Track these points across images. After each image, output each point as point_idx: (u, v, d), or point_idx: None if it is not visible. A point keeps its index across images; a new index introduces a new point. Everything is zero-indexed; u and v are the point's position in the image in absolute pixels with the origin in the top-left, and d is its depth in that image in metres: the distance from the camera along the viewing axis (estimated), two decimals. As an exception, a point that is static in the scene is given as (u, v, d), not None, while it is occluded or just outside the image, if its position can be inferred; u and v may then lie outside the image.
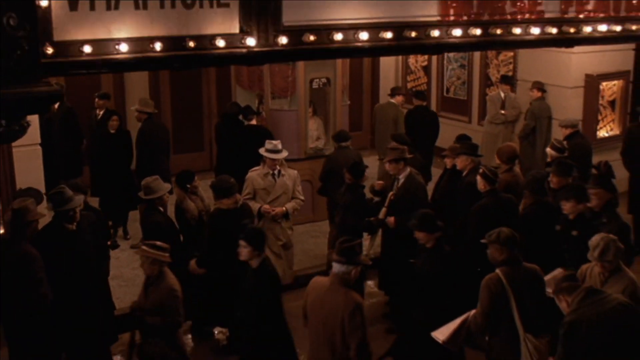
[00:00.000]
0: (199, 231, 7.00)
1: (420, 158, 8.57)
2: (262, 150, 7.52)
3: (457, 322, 5.29)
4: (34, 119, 6.91)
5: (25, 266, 5.48)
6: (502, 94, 11.65)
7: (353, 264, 4.93)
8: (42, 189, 6.95)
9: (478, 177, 6.93)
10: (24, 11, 3.74)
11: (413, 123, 10.76)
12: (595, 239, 5.12)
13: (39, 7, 3.83)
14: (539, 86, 11.00)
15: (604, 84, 11.29)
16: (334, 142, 9.27)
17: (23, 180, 6.90)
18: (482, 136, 11.65)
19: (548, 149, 8.31)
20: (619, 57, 10.97)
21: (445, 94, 13.65)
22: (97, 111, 9.66)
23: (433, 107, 13.46)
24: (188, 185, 6.99)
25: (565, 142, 8.60)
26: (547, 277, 5.55)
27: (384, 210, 7.28)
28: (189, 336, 7.24)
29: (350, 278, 4.96)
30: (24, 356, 5.75)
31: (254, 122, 9.58)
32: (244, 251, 5.44)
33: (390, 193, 7.26)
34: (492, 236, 5.25)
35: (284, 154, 7.61)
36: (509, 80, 11.88)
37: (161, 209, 6.66)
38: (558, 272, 5.72)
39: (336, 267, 4.97)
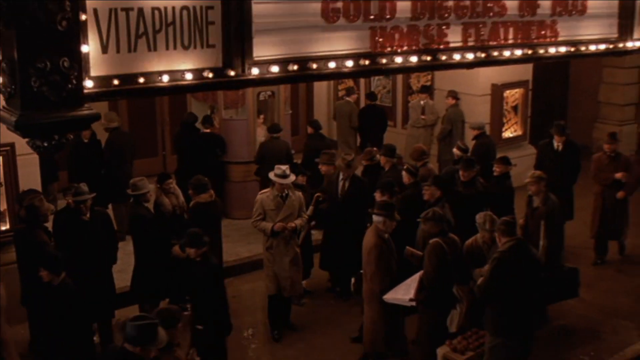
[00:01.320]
0: (173, 222, 8.40)
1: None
2: (271, 175, 7.96)
3: (415, 282, 6.85)
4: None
5: (39, 250, 6.81)
6: (422, 102, 13.32)
7: (388, 217, 6.83)
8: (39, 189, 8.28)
9: (403, 172, 8.60)
10: (73, 56, 5.12)
11: (365, 118, 12.80)
12: (479, 216, 6.87)
13: (82, 52, 5.23)
14: (454, 94, 12.71)
15: (507, 92, 13.03)
16: (267, 133, 10.98)
17: (24, 183, 8.16)
18: (405, 138, 13.39)
19: (455, 150, 10.08)
20: (519, 69, 12.46)
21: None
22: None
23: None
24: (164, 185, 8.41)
25: (472, 143, 10.48)
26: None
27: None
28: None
29: (382, 228, 6.85)
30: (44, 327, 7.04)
31: (208, 130, 11.05)
32: (190, 251, 6.59)
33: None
34: (427, 215, 6.90)
35: (292, 178, 8.00)
36: (427, 90, 13.60)
37: (145, 204, 8.06)
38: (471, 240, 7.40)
39: (375, 218, 6.93)
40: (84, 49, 5.20)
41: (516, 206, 9.00)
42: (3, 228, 8.20)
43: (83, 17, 5.15)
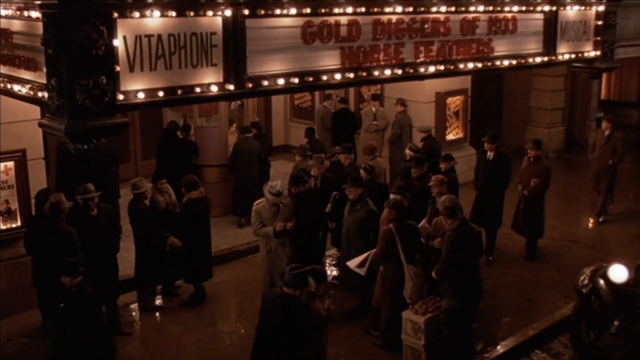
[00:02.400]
0: (166, 217, 9.53)
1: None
2: (266, 192, 8.72)
3: (363, 256, 8.25)
4: (38, 142, 9.34)
5: (67, 239, 7.91)
6: (374, 109, 14.63)
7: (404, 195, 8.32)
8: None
9: (361, 171, 9.95)
10: (109, 74, 6.27)
11: (338, 121, 14.35)
12: (442, 198, 8.24)
13: (115, 71, 6.37)
14: (402, 102, 14.06)
15: (450, 99, 14.39)
16: (239, 133, 12.18)
17: (33, 185, 9.22)
18: (360, 142, 14.79)
19: (407, 150, 11.46)
20: (459, 78, 13.65)
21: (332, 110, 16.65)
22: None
23: (319, 121, 16.50)
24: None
25: (421, 144, 11.92)
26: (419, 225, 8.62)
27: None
28: (160, 297, 9.81)
29: (399, 202, 8.14)
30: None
31: (183, 137, 12.21)
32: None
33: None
34: (388, 203, 8.26)
35: (285, 194, 8.83)
36: (378, 98, 14.92)
37: (144, 200, 9.19)
38: (422, 223, 8.77)
39: (392, 195, 8.37)
40: (117, 68, 6.37)
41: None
42: (14, 225, 9.23)
43: (115, 43, 6.31)
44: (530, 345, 8.62)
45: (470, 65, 9.80)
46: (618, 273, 8.10)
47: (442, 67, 9.35)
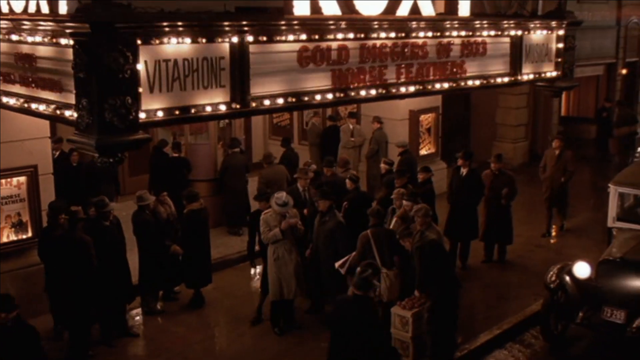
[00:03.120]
0: (167, 226, 10.24)
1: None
2: (272, 203, 9.24)
3: (346, 257, 9.09)
4: (48, 158, 10.02)
5: (84, 247, 8.60)
6: (351, 126, 15.50)
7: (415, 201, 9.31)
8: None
9: (347, 180, 10.83)
10: (133, 94, 7.02)
11: (327, 136, 15.25)
12: (416, 207, 9.12)
13: (138, 92, 7.11)
14: (378, 119, 14.99)
15: (422, 116, 15.35)
16: (227, 149, 12.95)
17: (43, 198, 9.87)
18: (338, 157, 15.62)
19: (382, 165, 12.39)
20: (431, 97, 14.41)
21: (304, 127, 17.56)
22: (54, 151, 12.49)
23: (295, 138, 17.33)
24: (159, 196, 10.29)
25: (398, 158, 12.84)
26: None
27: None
28: (161, 302, 10.48)
29: (377, 211, 9.07)
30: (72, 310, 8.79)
31: (176, 154, 12.95)
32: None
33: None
34: (370, 211, 9.11)
35: (290, 204, 9.31)
36: (355, 115, 15.85)
37: (147, 211, 9.90)
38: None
39: (405, 202, 9.45)
40: (139, 89, 7.12)
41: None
42: (24, 236, 9.87)
43: (139, 67, 7.06)
44: (505, 337, 9.54)
45: (445, 85, 10.70)
46: (582, 270, 9.06)
47: (420, 87, 10.22)
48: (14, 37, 8.11)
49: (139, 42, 7.01)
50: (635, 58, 23.06)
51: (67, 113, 7.45)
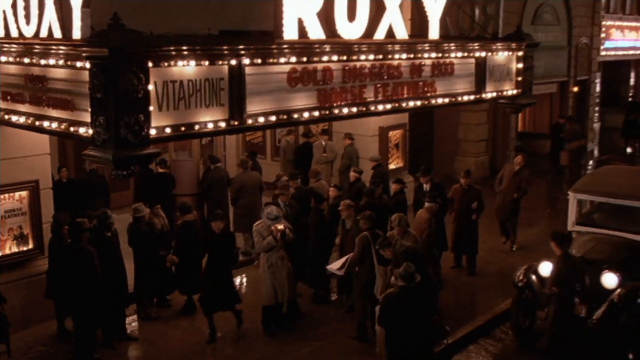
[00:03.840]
0: (160, 236, 10.86)
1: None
2: (264, 217, 10.08)
3: (342, 260, 9.86)
4: (47, 174, 10.58)
5: (88, 256, 9.18)
6: (323, 142, 16.29)
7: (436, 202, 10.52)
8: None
9: (331, 188, 11.70)
10: (145, 112, 7.69)
11: (300, 152, 15.93)
12: (393, 217, 9.95)
13: (149, 110, 7.79)
14: (349, 136, 15.75)
15: (391, 132, 16.19)
16: (209, 164, 13.66)
17: (43, 211, 10.43)
18: (310, 171, 16.40)
19: (351, 173, 13.24)
20: (399, 114, 15.23)
21: (277, 144, 18.29)
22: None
23: (267, 155, 18.10)
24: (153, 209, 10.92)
25: (372, 172, 13.71)
26: None
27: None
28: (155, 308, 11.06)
29: (370, 215, 9.83)
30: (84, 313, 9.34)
31: (162, 170, 13.57)
32: None
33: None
34: (362, 215, 9.90)
35: (280, 218, 10.10)
36: (327, 132, 16.69)
37: (143, 223, 10.51)
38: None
39: (427, 204, 10.59)
40: (150, 108, 7.81)
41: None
42: (25, 248, 10.40)
43: (149, 87, 7.75)
44: (478, 333, 10.41)
45: (418, 103, 11.57)
46: (546, 269, 9.97)
47: (395, 105, 11.07)
48: (26, 60, 8.72)
49: (150, 65, 7.69)
50: (585, 76, 24.46)
51: (81, 130, 8.07)
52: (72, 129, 8.26)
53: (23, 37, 9.03)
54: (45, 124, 8.65)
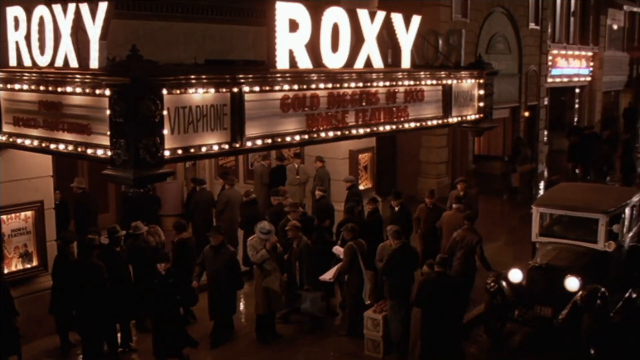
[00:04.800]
0: (156, 252, 11.52)
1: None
2: (257, 231, 10.90)
3: (335, 268, 10.76)
4: (50, 194, 11.19)
5: (97, 271, 9.83)
6: (296, 165, 17.12)
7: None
8: (54, 234, 11.17)
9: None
10: (161, 135, 8.48)
11: (275, 175, 16.57)
12: (388, 227, 10.89)
13: (164, 133, 8.57)
14: (320, 159, 16.58)
15: (360, 155, 17.01)
16: (194, 185, 14.44)
17: (47, 230, 11.04)
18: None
19: (317, 192, 14.18)
20: (367, 138, 16.67)
21: (250, 167, 19.04)
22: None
23: (240, 178, 18.84)
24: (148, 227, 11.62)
25: (347, 192, 14.65)
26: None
27: None
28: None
29: (352, 227, 10.88)
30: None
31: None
32: None
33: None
34: (345, 227, 10.82)
35: (272, 232, 10.97)
36: (299, 156, 17.57)
37: (142, 239, 11.21)
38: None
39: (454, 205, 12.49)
40: (165, 131, 8.59)
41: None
42: (28, 265, 10.96)
43: (164, 112, 8.55)
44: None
45: (392, 127, 12.59)
46: (515, 275, 11.02)
47: (374, 129, 12.05)
48: (42, 87, 9.40)
49: (165, 92, 8.50)
50: (535, 102, 25.99)
51: (99, 152, 8.79)
52: (89, 151, 8.96)
53: (37, 67, 9.71)
54: (61, 146, 9.33)
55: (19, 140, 9.94)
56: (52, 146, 9.47)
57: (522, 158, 22.41)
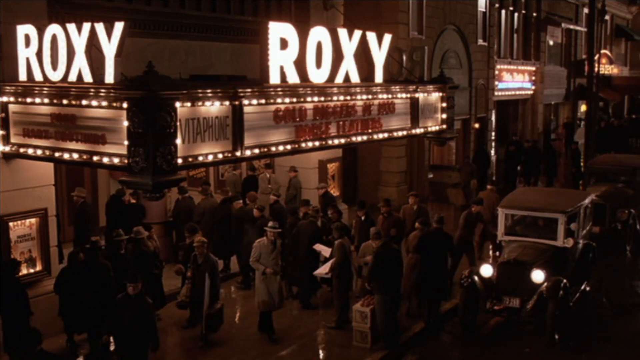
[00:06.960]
0: (153, 257, 12.25)
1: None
2: (267, 228, 11.81)
3: (329, 264, 11.69)
4: (53, 202, 11.80)
5: (104, 270, 10.52)
6: (268, 175, 18.01)
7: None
8: (56, 240, 11.79)
9: (254, 210, 13.54)
10: (175, 145, 9.29)
11: (247, 185, 17.23)
12: (372, 229, 11.89)
13: (177, 143, 9.34)
14: (294, 169, 17.50)
15: (329, 165, 18.05)
16: (178, 194, 15.17)
17: (51, 236, 11.63)
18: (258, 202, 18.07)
19: (271, 196, 15.18)
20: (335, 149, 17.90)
21: (220, 177, 19.78)
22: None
23: (212, 188, 19.57)
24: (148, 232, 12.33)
25: (320, 198, 15.61)
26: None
27: None
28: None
29: (343, 226, 12.10)
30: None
31: (134, 201, 14.90)
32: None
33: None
34: (335, 226, 11.77)
35: (278, 229, 11.97)
36: (270, 166, 18.46)
37: (143, 244, 11.91)
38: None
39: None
40: (178, 141, 9.39)
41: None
42: (32, 270, 11.53)
43: (178, 124, 9.35)
44: (432, 328, 12.40)
45: (365, 137, 13.59)
46: (486, 270, 12.14)
47: (349, 139, 13.03)
48: (55, 101, 10.07)
49: (178, 104, 9.31)
50: (484, 114, 27.48)
51: (115, 160, 9.52)
52: (105, 159, 9.68)
53: (49, 81, 10.37)
54: (75, 155, 10.02)
55: (30, 151, 10.55)
56: (66, 155, 10.13)
57: (467, 174, 22.51)
